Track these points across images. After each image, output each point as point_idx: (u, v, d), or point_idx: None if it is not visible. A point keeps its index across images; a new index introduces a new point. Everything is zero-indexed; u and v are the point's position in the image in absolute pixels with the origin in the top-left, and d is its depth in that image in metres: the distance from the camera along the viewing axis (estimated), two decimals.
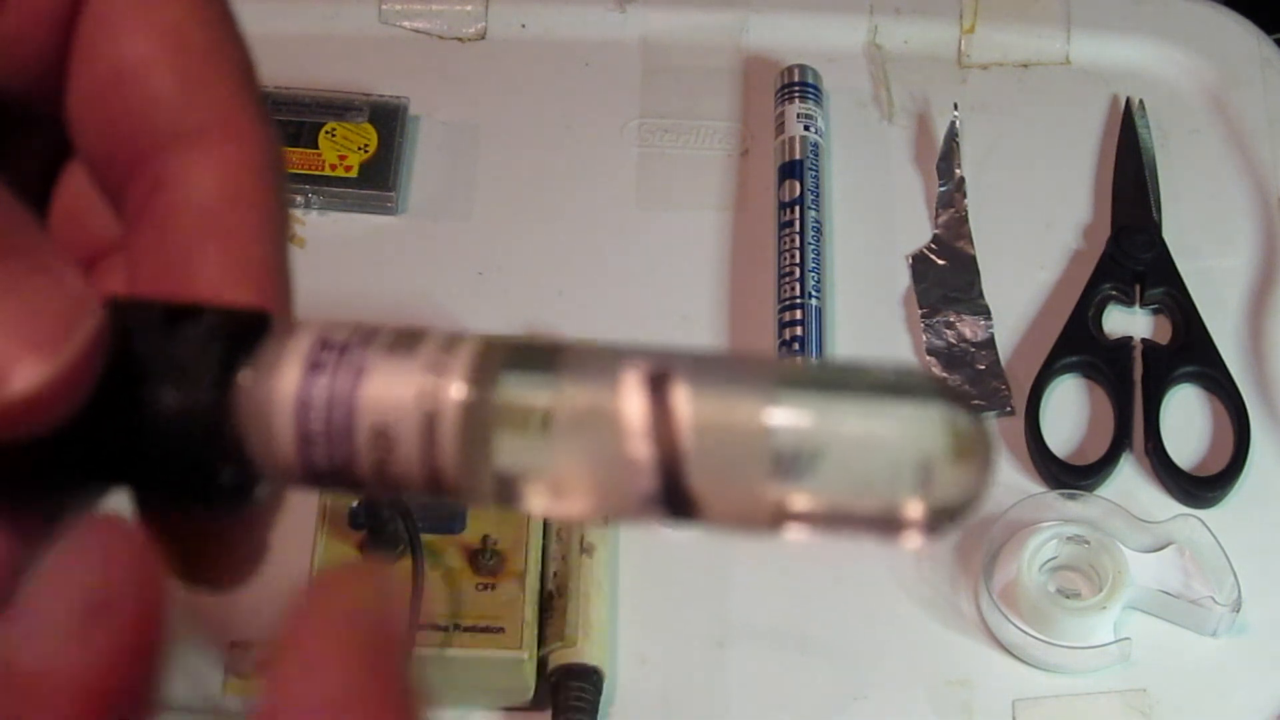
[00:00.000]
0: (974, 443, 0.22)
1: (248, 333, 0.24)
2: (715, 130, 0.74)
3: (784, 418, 0.22)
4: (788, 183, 0.71)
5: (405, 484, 0.23)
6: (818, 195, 0.70)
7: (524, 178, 0.73)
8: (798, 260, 0.68)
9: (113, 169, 0.27)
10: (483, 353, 0.23)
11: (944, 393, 0.22)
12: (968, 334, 0.68)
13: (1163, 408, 0.65)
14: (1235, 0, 0.79)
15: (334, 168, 0.70)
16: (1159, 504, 0.63)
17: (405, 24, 0.77)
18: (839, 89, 0.75)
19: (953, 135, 0.73)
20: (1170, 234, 0.69)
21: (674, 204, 0.72)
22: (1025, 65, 0.76)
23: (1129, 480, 0.64)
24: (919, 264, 0.70)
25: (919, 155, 0.73)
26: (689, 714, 0.59)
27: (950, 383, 0.21)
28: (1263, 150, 0.73)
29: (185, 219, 0.26)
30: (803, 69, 0.74)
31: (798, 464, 0.21)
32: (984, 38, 0.76)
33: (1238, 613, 0.59)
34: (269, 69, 0.76)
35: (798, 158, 0.71)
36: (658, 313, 0.68)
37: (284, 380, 0.23)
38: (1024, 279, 0.70)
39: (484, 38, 0.77)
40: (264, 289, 0.26)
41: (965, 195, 0.71)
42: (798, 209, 0.70)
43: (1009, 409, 0.66)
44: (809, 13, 0.77)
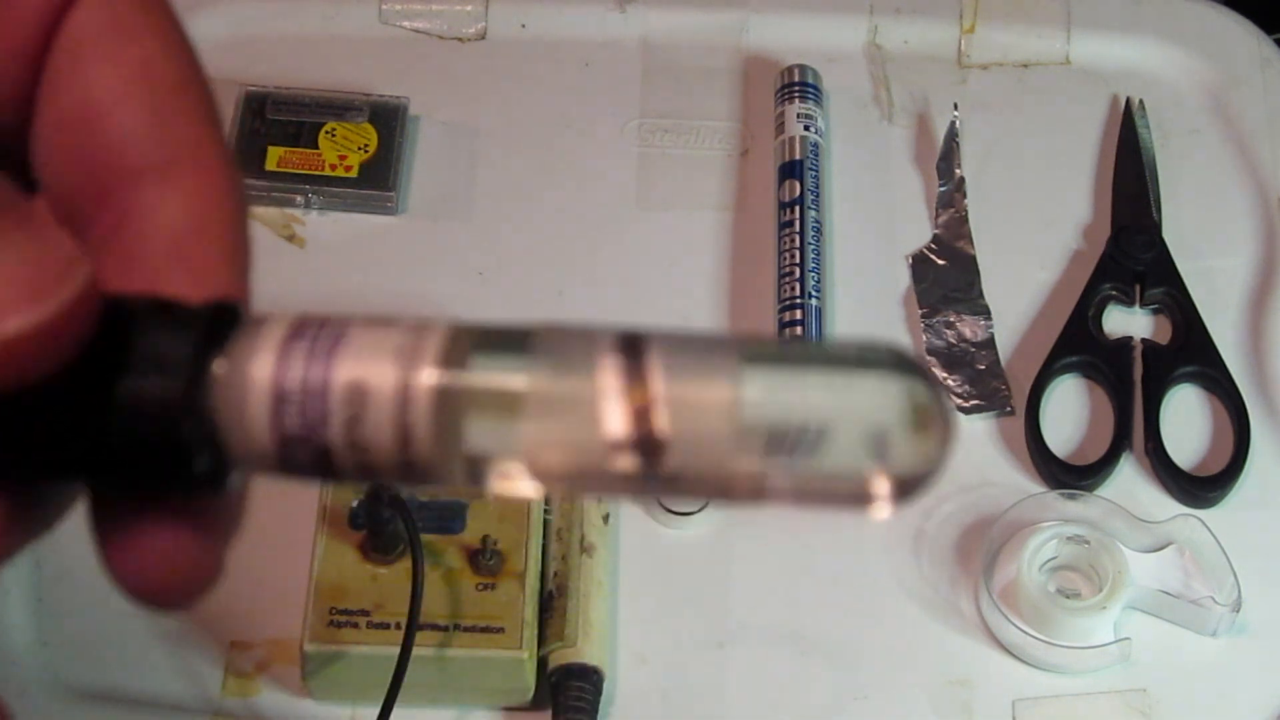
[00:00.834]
0: (932, 414, 0.23)
1: (221, 324, 0.24)
2: (715, 130, 0.74)
3: (751, 392, 0.22)
4: (788, 183, 0.71)
5: (379, 469, 0.23)
6: (818, 195, 0.70)
7: (524, 178, 0.73)
8: (798, 260, 0.68)
9: (79, 200, 0.27)
10: (453, 337, 0.23)
11: (903, 366, 0.23)
12: (968, 334, 0.68)
13: (1163, 408, 0.65)
14: (1235, 0, 0.79)
15: (334, 168, 0.70)
16: (1159, 504, 0.63)
17: (405, 24, 0.77)
18: (839, 89, 0.75)
19: (953, 135, 0.73)
20: (1170, 234, 0.70)
21: (674, 204, 0.72)
22: (1025, 65, 0.76)
23: (1129, 480, 0.64)
24: (919, 264, 0.70)
25: (919, 155, 0.73)
26: (689, 714, 0.59)
27: (915, 359, 0.22)
28: (1263, 150, 0.73)
29: (153, 248, 0.27)
30: (803, 69, 0.74)
31: (765, 436, 0.22)
32: (984, 38, 0.76)
33: (1238, 613, 0.59)
34: (269, 69, 0.76)
35: (798, 158, 0.71)
36: (658, 313, 0.68)
37: (257, 368, 0.23)
38: (1024, 279, 0.70)
39: (484, 38, 0.77)
40: (237, 300, 0.26)
41: (965, 195, 0.71)
42: (798, 209, 0.70)
43: (1009, 409, 0.66)
44: (809, 13, 0.77)
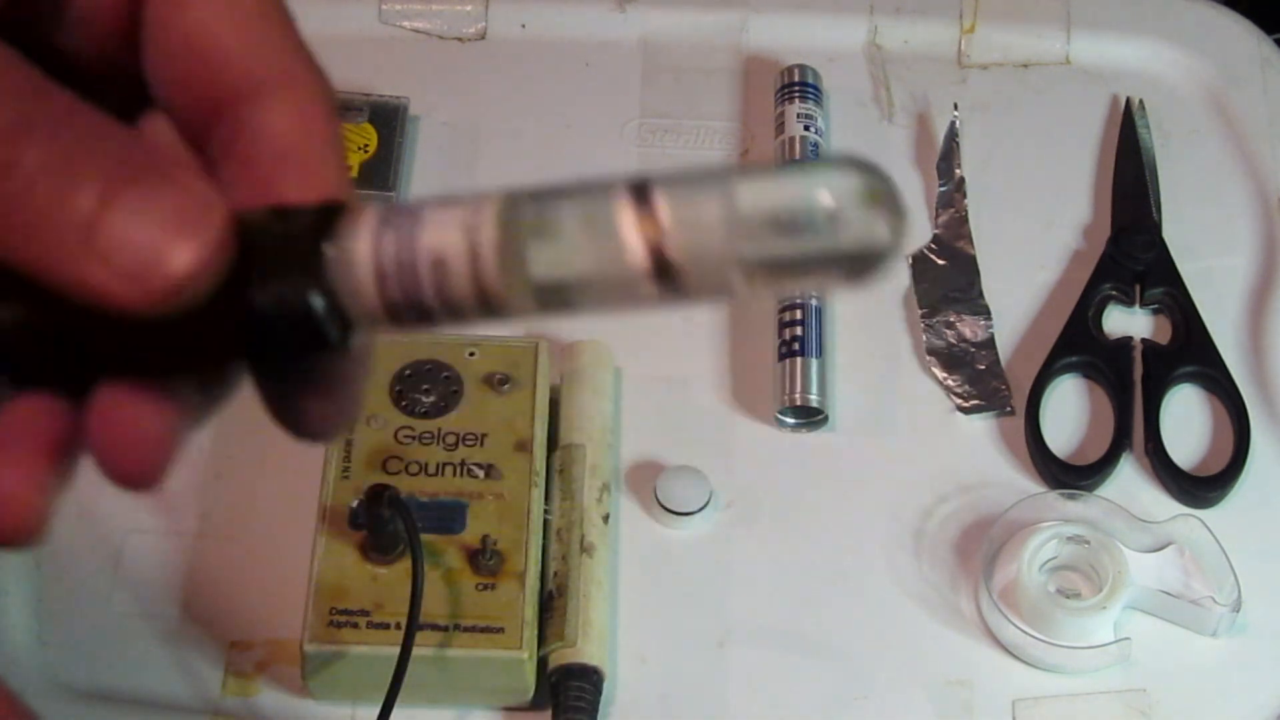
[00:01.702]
0: (884, 194, 0.28)
1: (331, 216, 0.30)
2: (715, 130, 0.74)
3: (739, 193, 0.28)
4: None
5: (462, 304, 0.29)
6: None
7: (524, 178, 0.72)
8: None
9: (196, 117, 0.32)
10: (506, 196, 0.30)
11: (859, 163, 0.28)
12: (968, 334, 0.68)
13: (1163, 408, 0.65)
14: (1235, 0, 0.79)
15: None
16: (1159, 504, 0.63)
17: (405, 24, 0.77)
18: (839, 89, 0.75)
19: (953, 135, 0.73)
20: (1170, 234, 0.70)
21: None
22: (1025, 65, 0.76)
23: (1129, 480, 0.64)
24: (919, 264, 0.70)
25: (919, 155, 0.73)
26: (689, 714, 0.59)
27: (873, 163, 0.29)
28: (1263, 150, 0.73)
29: (267, 153, 0.32)
30: (803, 69, 0.74)
31: (747, 225, 0.28)
32: (984, 38, 0.76)
33: (1238, 613, 0.59)
34: None
35: (798, 158, 0.71)
36: (657, 312, 0.68)
37: (360, 244, 0.29)
38: (1024, 279, 0.70)
39: (484, 38, 0.77)
40: (338, 198, 0.31)
41: (965, 195, 0.71)
42: None
43: (1009, 409, 0.66)
44: (809, 13, 0.77)
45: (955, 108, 0.73)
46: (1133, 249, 0.69)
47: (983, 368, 0.67)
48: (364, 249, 0.29)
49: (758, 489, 0.64)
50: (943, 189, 0.72)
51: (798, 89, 0.73)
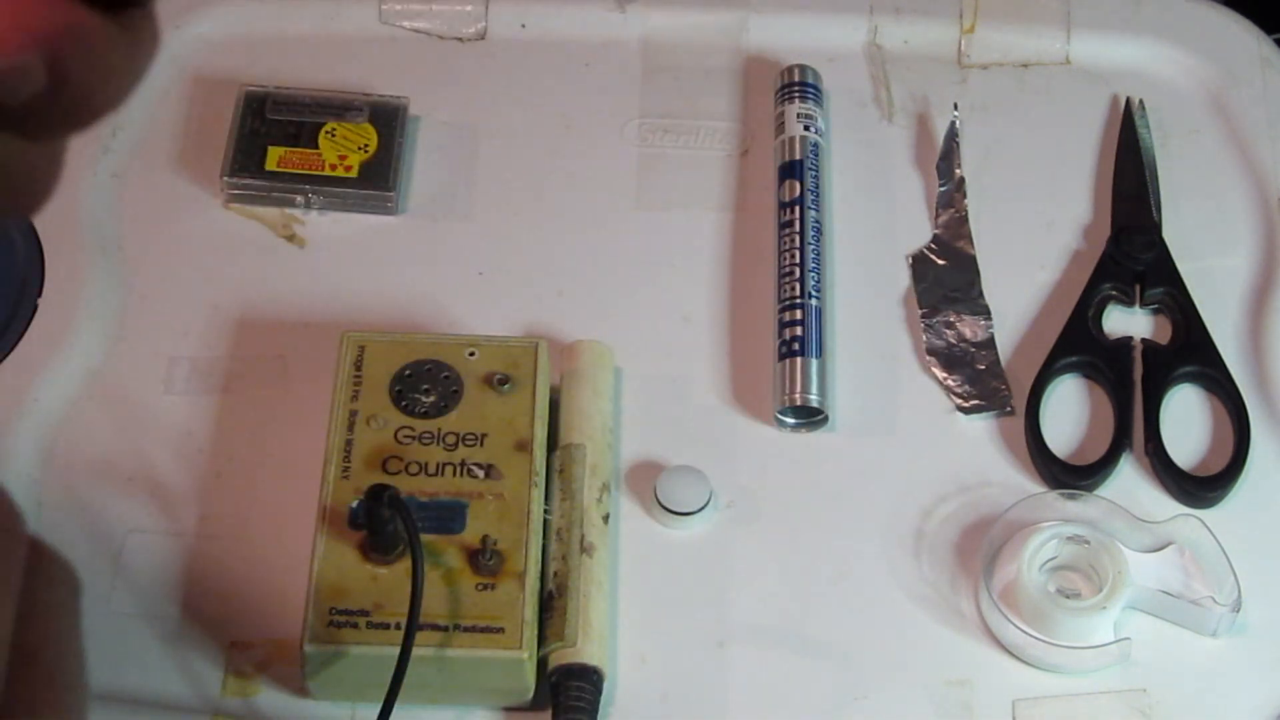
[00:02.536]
0: None
1: None
2: (715, 130, 0.74)
3: None
4: (788, 183, 0.71)
5: None
6: (818, 195, 0.70)
7: (524, 178, 0.73)
8: (798, 260, 0.68)
9: None
10: None
11: None
12: (968, 334, 0.68)
13: (1163, 408, 0.65)
14: (1235, 0, 0.79)
15: (334, 168, 0.70)
16: (1159, 504, 0.63)
17: (405, 24, 0.77)
18: (839, 89, 0.75)
19: (953, 135, 0.73)
20: (1170, 234, 0.70)
21: (674, 204, 0.72)
22: (1025, 65, 0.76)
23: (1129, 480, 0.64)
24: (919, 264, 0.70)
25: (919, 155, 0.73)
26: (689, 714, 0.59)
27: None
28: (1263, 150, 0.73)
29: None
30: (803, 69, 0.74)
31: None
32: (984, 38, 0.76)
33: (1238, 613, 0.59)
34: (269, 69, 0.77)
35: (798, 158, 0.71)
36: (658, 313, 0.68)
37: None
38: (1024, 279, 0.70)
39: (484, 38, 0.77)
40: None
41: (965, 195, 0.71)
42: (798, 209, 0.70)
43: (1009, 409, 0.66)
44: (809, 13, 0.77)
45: (955, 108, 0.73)
46: (1133, 249, 0.69)
47: (983, 368, 0.67)
48: None
49: (758, 489, 0.64)
50: (943, 189, 0.72)
51: (798, 89, 0.73)
